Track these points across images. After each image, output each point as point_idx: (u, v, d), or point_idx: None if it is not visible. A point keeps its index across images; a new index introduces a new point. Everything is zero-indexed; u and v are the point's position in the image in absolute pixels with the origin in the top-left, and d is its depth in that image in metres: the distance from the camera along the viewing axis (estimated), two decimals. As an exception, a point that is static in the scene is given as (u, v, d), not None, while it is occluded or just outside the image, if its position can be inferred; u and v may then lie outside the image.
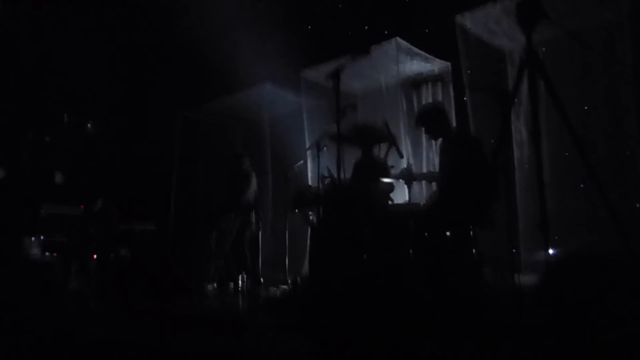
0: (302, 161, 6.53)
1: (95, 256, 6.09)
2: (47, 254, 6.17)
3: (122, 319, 3.90)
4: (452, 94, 6.46)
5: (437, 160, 5.26)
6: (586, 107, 5.38)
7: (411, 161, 6.32)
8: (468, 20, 5.80)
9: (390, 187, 5.05)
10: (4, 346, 3.04)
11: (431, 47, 6.50)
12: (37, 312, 4.13)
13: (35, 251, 6.11)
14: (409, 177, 4.66)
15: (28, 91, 7.04)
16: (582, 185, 5.35)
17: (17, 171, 6.44)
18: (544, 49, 5.46)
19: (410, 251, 4.36)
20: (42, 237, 6.24)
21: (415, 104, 6.80)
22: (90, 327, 3.39)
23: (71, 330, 3.23)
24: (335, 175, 4.47)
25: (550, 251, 3.89)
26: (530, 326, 2.55)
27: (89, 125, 6.76)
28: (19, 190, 6.38)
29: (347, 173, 5.17)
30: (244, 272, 6.20)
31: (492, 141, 3.93)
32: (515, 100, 3.26)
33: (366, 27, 6.76)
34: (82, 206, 6.63)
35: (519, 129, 5.75)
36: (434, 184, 5.21)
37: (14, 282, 5.46)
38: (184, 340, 2.81)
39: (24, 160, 6.54)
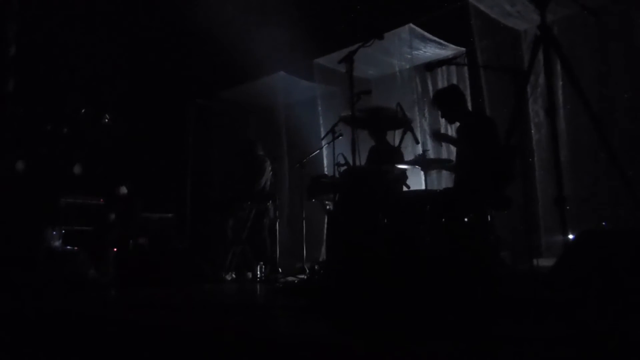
0: (317, 151, 6.52)
1: (115, 245, 6.16)
2: (67, 244, 6.26)
3: (141, 304, 3.95)
4: (467, 77, 6.40)
5: (454, 147, 5.21)
6: (604, 83, 5.29)
7: (428, 147, 6.27)
8: (482, 3, 5.74)
9: (403, 174, 5.02)
10: (29, 334, 3.10)
11: (445, 32, 6.43)
12: (60, 300, 4.20)
13: (56, 241, 6.21)
14: (425, 163, 4.61)
15: (45, 85, 7.13)
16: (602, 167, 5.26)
17: (36, 163, 6.53)
18: (556, 27, 5.39)
19: (427, 236, 4.34)
20: (62, 228, 6.34)
21: (430, 89, 6.74)
22: (111, 312, 3.44)
23: (93, 315, 3.28)
24: (350, 162, 4.45)
25: (570, 236, 3.86)
26: (548, 304, 2.53)
27: (106, 116, 6.84)
28: (38, 182, 6.47)
29: (362, 159, 5.15)
30: (262, 262, 6.19)
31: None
32: (531, 79, 3.20)
33: (379, 14, 6.70)
34: (101, 198, 6.72)
35: (537, 111, 5.68)
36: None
37: (37, 272, 5.55)
38: (200, 320, 2.85)
39: (43, 153, 6.63)
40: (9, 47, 6.97)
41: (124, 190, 6.53)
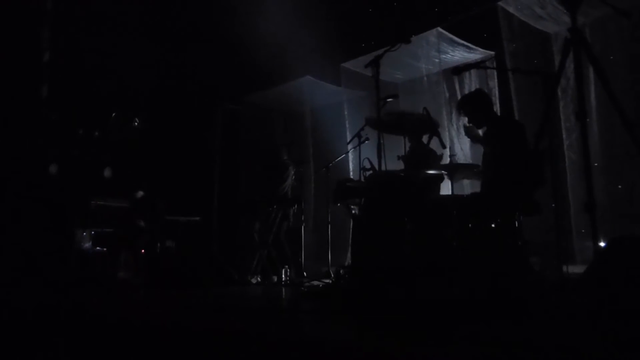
0: (343, 155, 6.51)
1: (143, 247, 6.24)
2: (97, 245, 6.38)
3: (168, 306, 4.00)
4: (496, 80, 6.32)
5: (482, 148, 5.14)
6: (637, 87, 5.16)
7: (455, 151, 6.19)
8: (511, 6, 5.67)
9: (441, 177, 4.95)
10: (60, 333, 3.16)
11: (474, 36, 6.36)
12: (90, 301, 4.27)
13: (87, 243, 6.33)
14: (451, 168, 4.55)
15: (77, 90, 7.29)
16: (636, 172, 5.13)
17: (68, 166, 6.68)
18: (588, 30, 5.28)
19: (454, 242, 4.29)
20: (92, 230, 6.47)
21: (458, 92, 6.67)
22: (138, 314, 3.49)
23: (121, 317, 3.33)
24: (376, 166, 4.42)
25: (602, 243, 3.76)
26: (577, 310, 2.47)
27: (135, 120, 6.96)
28: (70, 185, 6.61)
29: (388, 163, 5.10)
30: (287, 266, 6.19)
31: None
32: (562, 82, 3.14)
33: (407, 18, 6.67)
34: (126, 202, 6.84)
35: (568, 115, 5.58)
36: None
37: (68, 273, 5.68)
38: (224, 323, 2.86)
39: (75, 156, 6.78)
40: (43, 54, 7.15)
41: (140, 194, 6.61)
